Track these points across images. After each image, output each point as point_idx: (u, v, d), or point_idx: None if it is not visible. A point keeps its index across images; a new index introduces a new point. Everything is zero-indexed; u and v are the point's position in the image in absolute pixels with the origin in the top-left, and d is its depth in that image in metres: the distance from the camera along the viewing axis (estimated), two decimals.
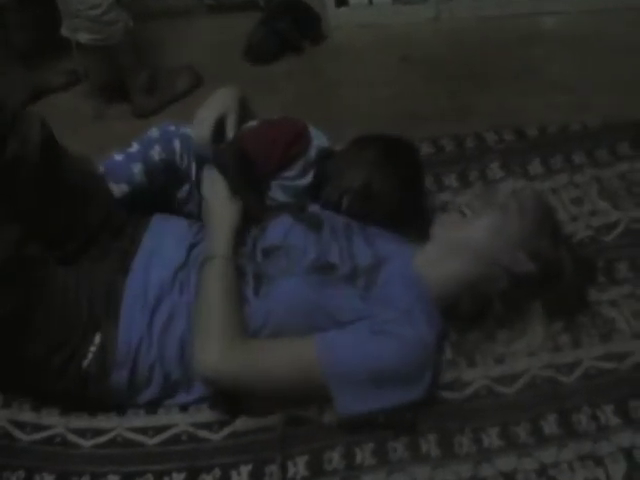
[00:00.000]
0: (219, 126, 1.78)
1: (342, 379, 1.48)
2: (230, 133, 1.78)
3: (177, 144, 1.79)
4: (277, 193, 1.79)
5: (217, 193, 1.72)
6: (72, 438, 1.59)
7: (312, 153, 1.79)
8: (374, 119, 2.42)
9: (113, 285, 1.64)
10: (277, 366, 1.50)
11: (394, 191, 1.72)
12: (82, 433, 1.60)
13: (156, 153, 1.78)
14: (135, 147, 1.79)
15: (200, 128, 1.77)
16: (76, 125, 2.50)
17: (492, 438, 1.54)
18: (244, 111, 1.83)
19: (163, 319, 1.59)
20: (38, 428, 1.60)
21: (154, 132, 1.80)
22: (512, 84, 2.59)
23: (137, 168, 1.76)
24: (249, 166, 1.75)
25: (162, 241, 1.71)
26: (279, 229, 1.72)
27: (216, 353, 1.49)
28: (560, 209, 1.94)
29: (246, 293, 1.60)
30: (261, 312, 1.58)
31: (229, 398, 1.58)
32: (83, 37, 2.46)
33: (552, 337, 1.65)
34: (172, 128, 1.82)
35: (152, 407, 1.63)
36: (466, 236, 1.63)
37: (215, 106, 1.79)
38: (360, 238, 1.71)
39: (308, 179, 1.80)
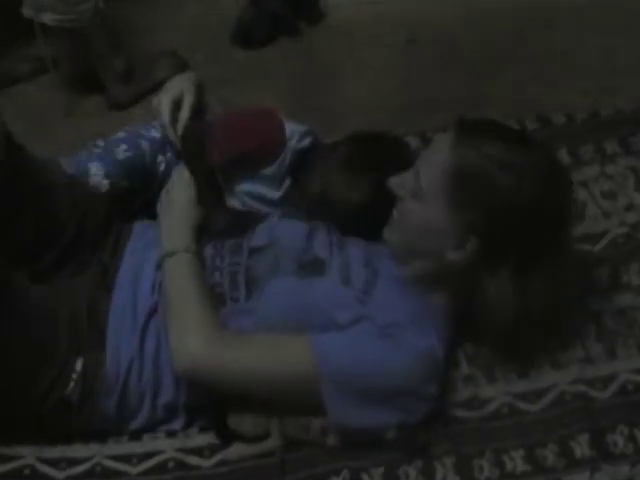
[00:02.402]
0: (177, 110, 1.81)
1: (339, 381, 1.50)
2: (185, 113, 1.80)
3: (146, 144, 1.84)
4: (245, 200, 1.83)
5: (179, 182, 1.76)
6: (43, 469, 1.59)
7: (286, 157, 1.80)
8: (377, 110, 2.44)
9: (95, 304, 1.66)
10: (263, 362, 1.53)
11: (354, 198, 1.72)
12: (55, 463, 1.59)
13: (121, 151, 1.82)
14: (99, 145, 1.84)
15: (157, 114, 1.81)
16: (43, 121, 2.53)
17: (516, 461, 1.54)
18: (201, 98, 1.86)
19: (156, 340, 1.62)
20: (3, 459, 1.60)
21: (121, 133, 1.86)
22: (534, 68, 2.63)
23: (95, 168, 1.80)
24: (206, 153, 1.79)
25: (147, 254, 1.73)
26: (266, 227, 1.76)
27: (194, 346, 1.52)
28: (590, 204, 1.97)
29: (239, 298, 1.63)
30: (253, 318, 1.60)
31: (221, 415, 1.60)
32: (48, 18, 2.46)
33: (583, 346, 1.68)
34: (142, 131, 1.87)
35: (136, 433, 1.65)
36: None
37: (168, 90, 1.82)
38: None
39: (280, 192, 1.82)
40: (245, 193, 1.82)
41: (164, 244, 1.67)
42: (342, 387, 1.49)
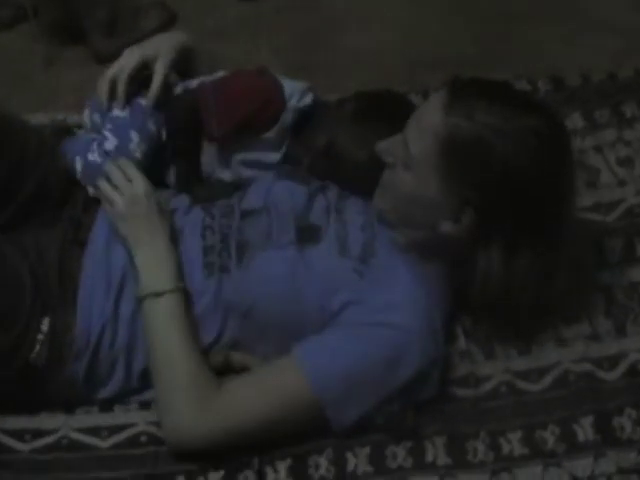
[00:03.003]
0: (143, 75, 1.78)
1: (337, 392, 1.49)
2: (157, 82, 1.76)
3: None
4: (239, 170, 1.81)
5: (136, 195, 1.65)
6: (6, 441, 1.58)
7: (288, 117, 1.78)
8: (381, 66, 2.42)
9: (66, 260, 1.65)
10: (262, 406, 1.50)
11: (361, 154, 1.70)
12: (19, 435, 1.59)
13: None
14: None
15: (116, 74, 1.76)
16: (23, 71, 2.51)
17: (513, 444, 1.54)
18: (187, 64, 1.83)
19: (133, 303, 1.60)
20: None
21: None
22: (550, 24, 2.59)
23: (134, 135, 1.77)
24: (197, 128, 1.76)
25: None
26: (260, 188, 1.74)
27: (187, 417, 1.50)
28: (605, 171, 1.96)
29: (229, 265, 1.62)
30: (240, 288, 1.60)
31: None
32: None
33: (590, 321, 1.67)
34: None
35: (107, 404, 1.64)
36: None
37: (140, 49, 1.78)
38: (359, 199, 1.72)
39: (279, 154, 1.80)
40: (240, 162, 1.80)
41: (144, 281, 1.60)
42: (341, 398, 1.49)
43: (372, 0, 2.76)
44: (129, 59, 1.76)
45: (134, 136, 1.74)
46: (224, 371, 1.60)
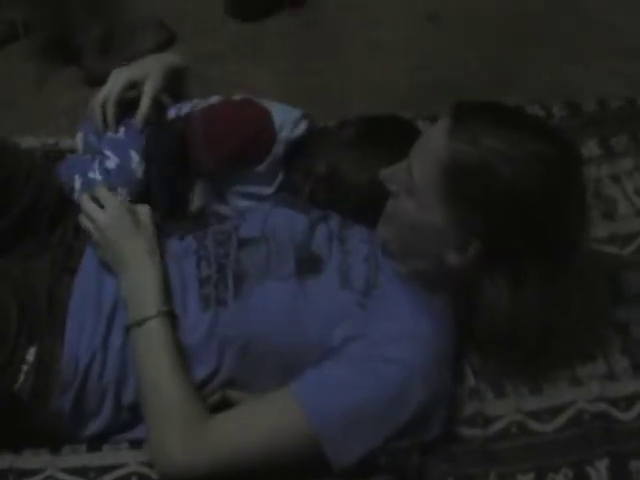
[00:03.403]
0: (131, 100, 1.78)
1: (335, 428, 1.48)
2: (144, 104, 1.77)
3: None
4: (236, 202, 1.82)
5: (119, 219, 1.65)
6: None
7: (279, 150, 1.78)
8: (391, 92, 2.42)
9: (55, 286, 1.65)
10: (257, 443, 1.49)
11: (366, 179, 1.69)
12: (3, 475, 1.57)
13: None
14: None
15: (105, 97, 1.77)
16: (11, 92, 2.51)
17: None
18: (178, 85, 1.83)
19: (123, 332, 1.60)
20: None
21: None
22: (566, 47, 2.63)
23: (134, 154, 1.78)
24: (183, 158, 1.77)
25: None
26: (258, 216, 1.73)
27: (178, 450, 1.48)
28: (622, 201, 1.95)
29: (225, 297, 1.61)
30: (238, 321, 1.59)
31: None
32: None
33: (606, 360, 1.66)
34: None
35: (95, 442, 1.62)
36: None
37: (128, 70, 1.79)
38: (362, 228, 1.72)
39: (272, 187, 1.81)
40: (234, 193, 1.81)
41: (129, 309, 1.60)
42: (340, 435, 1.48)
43: (380, 21, 2.78)
44: (116, 81, 1.77)
45: (134, 155, 1.75)
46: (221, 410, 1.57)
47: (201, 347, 1.60)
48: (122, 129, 1.78)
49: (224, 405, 1.59)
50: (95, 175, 1.75)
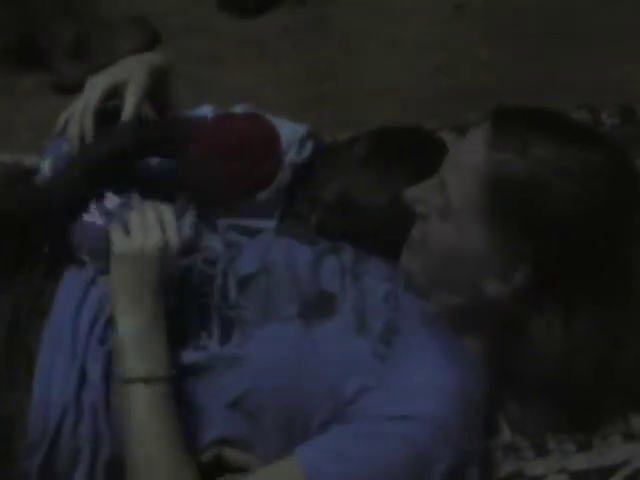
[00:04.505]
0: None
1: None
2: (128, 112, 1.73)
3: None
4: (229, 236, 1.77)
5: (167, 242, 1.61)
6: None
7: (285, 176, 1.76)
8: (411, 99, 2.42)
9: (19, 333, 1.63)
10: None
11: (382, 203, 1.70)
12: None
13: None
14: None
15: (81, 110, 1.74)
16: None
17: None
18: (164, 92, 1.83)
19: (100, 384, 1.58)
20: None
21: None
22: (615, 45, 2.61)
23: None
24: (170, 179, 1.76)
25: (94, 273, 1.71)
26: (256, 249, 1.72)
27: None
28: None
29: (208, 346, 1.61)
30: (230, 377, 1.57)
31: None
32: None
33: None
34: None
35: None
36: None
37: (107, 75, 1.76)
38: (380, 260, 1.71)
39: (273, 220, 1.79)
40: (228, 227, 1.79)
41: (129, 360, 1.56)
42: None
43: (397, 15, 2.80)
44: (94, 88, 1.74)
45: None
46: (216, 470, 1.58)
47: (192, 407, 1.60)
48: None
49: (219, 465, 1.59)
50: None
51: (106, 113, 1.75)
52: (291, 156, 1.77)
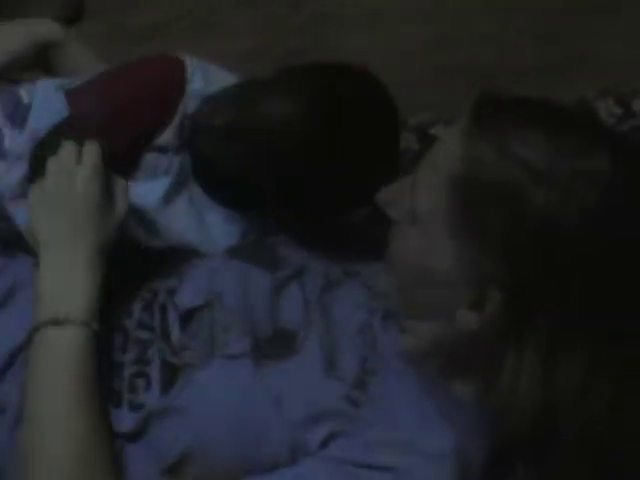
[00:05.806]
0: None
1: None
2: None
3: None
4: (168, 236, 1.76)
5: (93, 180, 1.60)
6: None
7: (190, 106, 1.75)
8: (396, 81, 2.32)
9: None
10: None
11: (287, 111, 1.67)
12: None
13: None
14: None
15: None
16: None
17: None
18: (48, 63, 1.85)
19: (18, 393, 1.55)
20: None
21: None
22: None
23: None
24: None
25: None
26: (201, 276, 1.68)
27: None
28: None
29: (147, 396, 1.54)
30: (171, 428, 1.51)
31: None
32: None
33: None
34: None
35: None
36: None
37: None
38: (356, 284, 1.66)
39: (169, 177, 1.75)
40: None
41: (47, 301, 1.56)
42: None
43: None
44: None
45: None
46: None
47: (130, 459, 1.54)
48: None
49: None
50: None
51: None
52: (196, 86, 1.76)
